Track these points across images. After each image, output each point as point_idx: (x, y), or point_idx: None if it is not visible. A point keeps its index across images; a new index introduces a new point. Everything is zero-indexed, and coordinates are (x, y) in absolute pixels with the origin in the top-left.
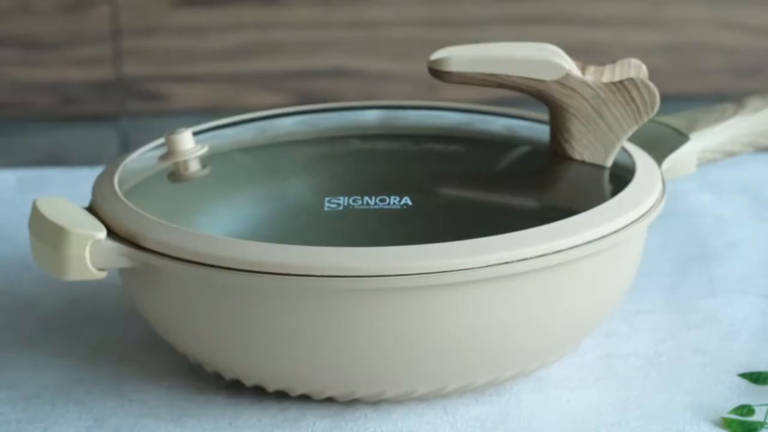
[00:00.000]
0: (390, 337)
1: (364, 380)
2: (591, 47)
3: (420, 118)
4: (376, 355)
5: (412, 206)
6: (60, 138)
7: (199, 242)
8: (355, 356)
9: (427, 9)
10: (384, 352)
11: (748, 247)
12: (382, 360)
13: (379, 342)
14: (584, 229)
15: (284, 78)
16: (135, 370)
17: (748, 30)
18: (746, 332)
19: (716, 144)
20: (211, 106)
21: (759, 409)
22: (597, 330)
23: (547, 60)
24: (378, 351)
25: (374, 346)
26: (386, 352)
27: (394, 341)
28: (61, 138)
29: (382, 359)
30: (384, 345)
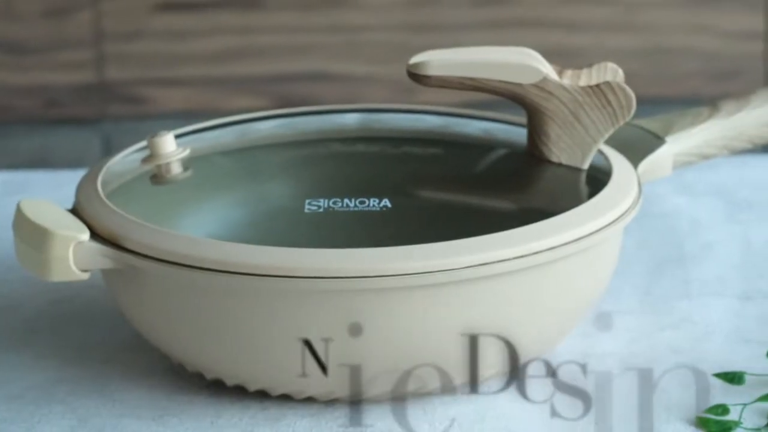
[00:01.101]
0: (369, 337)
1: (344, 380)
2: (568, 51)
3: (399, 121)
4: (356, 355)
5: (391, 208)
6: (43, 141)
7: (181, 244)
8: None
9: (406, 13)
10: (364, 352)
11: (722, 249)
12: (362, 360)
13: (359, 342)
14: (561, 231)
15: (265, 82)
16: (118, 370)
17: (722, 34)
18: (721, 333)
19: (691, 147)
20: (193, 109)
21: (734, 408)
22: (573, 330)
23: (524, 64)
24: (358, 350)
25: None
26: (366, 352)
27: (374, 341)
28: (44, 141)
29: (362, 359)
30: (363, 344)
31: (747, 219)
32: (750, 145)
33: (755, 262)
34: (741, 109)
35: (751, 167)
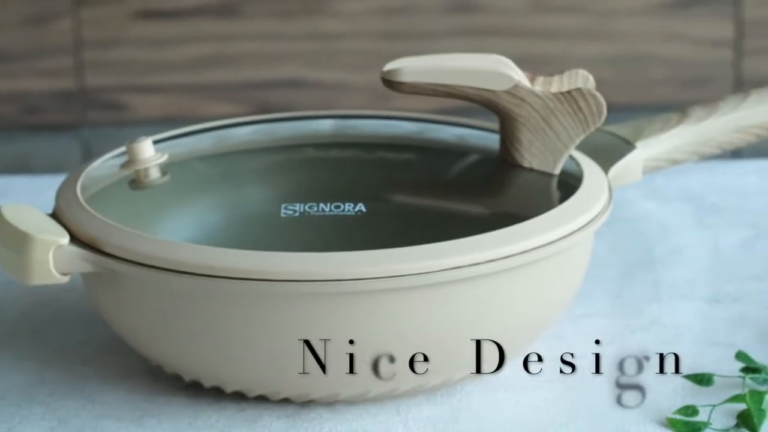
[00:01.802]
0: (344, 340)
1: (319, 381)
2: (540, 59)
3: (373, 127)
4: (332, 357)
5: (366, 213)
6: (24, 147)
7: (159, 248)
8: (312, 358)
9: (381, 22)
10: (339, 355)
11: (691, 253)
12: (337, 362)
13: (334, 344)
14: (533, 235)
15: (242, 88)
16: (97, 372)
17: (691, 42)
18: (690, 335)
19: (661, 152)
20: (171, 115)
21: (703, 409)
22: (545, 333)
23: (497, 71)
24: (333, 353)
25: (330, 349)
26: (342, 354)
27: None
28: (24, 147)
29: (337, 361)
30: (339, 347)
31: (716, 224)
32: (719, 151)
33: (723, 266)
34: (710, 115)
35: (719, 172)
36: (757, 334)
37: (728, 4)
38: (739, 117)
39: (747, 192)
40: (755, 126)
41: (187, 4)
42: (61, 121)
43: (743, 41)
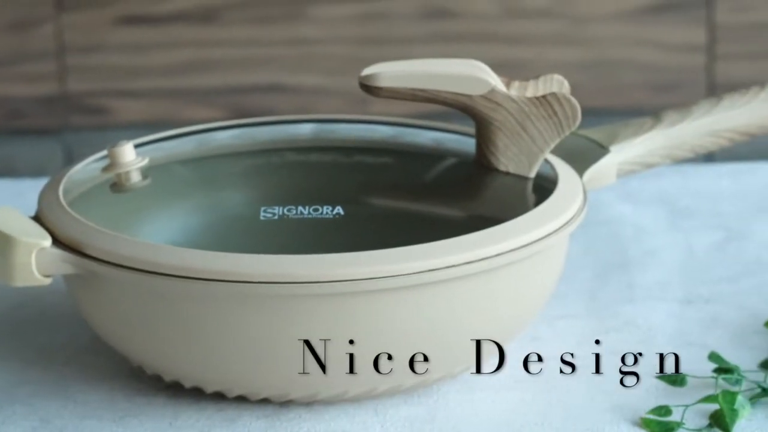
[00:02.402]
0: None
1: (298, 382)
2: (515, 63)
3: (351, 131)
4: (309, 358)
5: (344, 215)
6: (7, 150)
7: (140, 250)
8: (290, 359)
9: (358, 27)
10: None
11: (665, 255)
12: (314, 362)
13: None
14: (509, 238)
15: (222, 93)
16: (79, 373)
17: (664, 47)
18: (663, 336)
19: (635, 156)
20: (152, 120)
21: (676, 409)
22: (521, 334)
23: (473, 76)
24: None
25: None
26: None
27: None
28: (7, 150)
29: (314, 361)
30: (316, 348)
31: (689, 226)
32: (692, 155)
33: (696, 267)
34: (683, 119)
35: (692, 176)
36: (730, 335)
37: (701, 10)
38: (712, 121)
39: (720, 195)
40: (728, 130)
41: (168, 10)
42: (43, 126)
43: (716, 46)
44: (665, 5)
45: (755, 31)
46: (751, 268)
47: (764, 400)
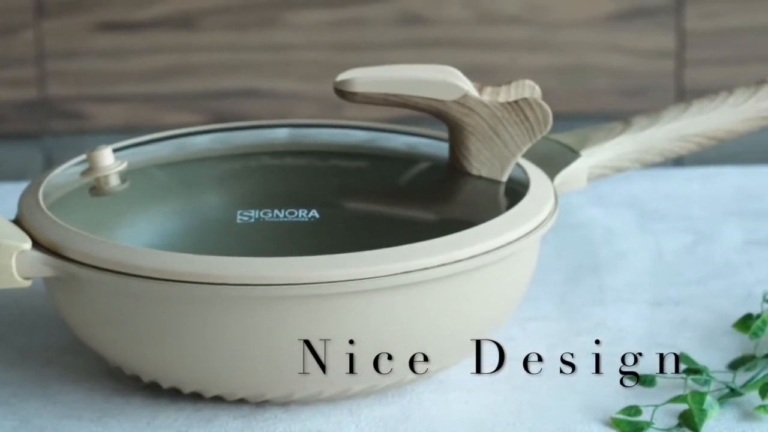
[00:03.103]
0: (298, 342)
1: (274, 382)
2: (488, 69)
3: (327, 135)
4: (286, 359)
5: (319, 219)
6: None
7: (119, 253)
8: (265, 360)
9: (333, 33)
10: (293, 356)
11: (634, 258)
12: (290, 363)
13: (288, 345)
14: (481, 240)
15: (199, 98)
16: (58, 373)
17: (633, 53)
18: (633, 337)
19: (605, 160)
20: (130, 124)
21: (646, 409)
22: (493, 335)
23: (446, 81)
24: (287, 354)
25: (284, 351)
26: (295, 356)
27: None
28: None
29: (291, 363)
30: (294, 349)
31: (658, 229)
32: (661, 159)
33: (666, 270)
34: (653, 124)
35: (662, 179)
36: (698, 337)
37: (670, 16)
38: (681, 126)
39: (689, 198)
40: (696, 134)
41: (146, 16)
42: (24, 130)
43: (685, 52)
44: (635, 12)
45: (723, 38)
46: (719, 271)
47: (732, 401)
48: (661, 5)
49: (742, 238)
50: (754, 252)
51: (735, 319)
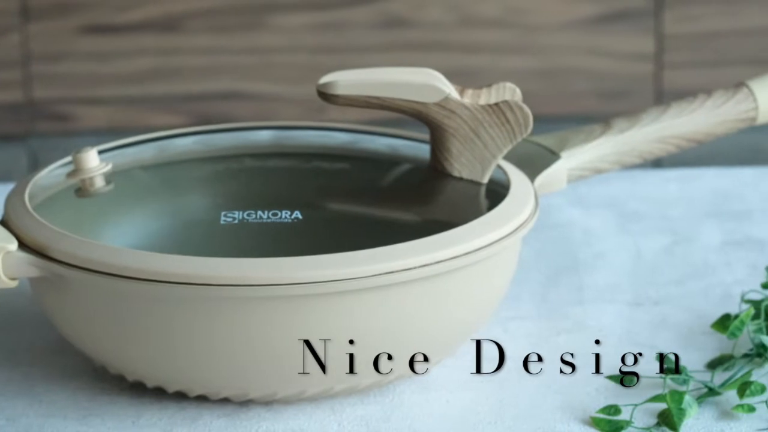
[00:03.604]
0: (281, 342)
1: (258, 382)
2: (469, 72)
3: (309, 137)
4: (269, 359)
5: (302, 220)
6: None
7: (104, 253)
8: (249, 359)
9: (316, 36)
10: (275, 355)
11: (614, 258)
12: (274, 363)
13: (271, 345)
14: (463, 241)
15: (183, 100)
16: (44, 373)
17: (613, 56)
18: (612, 337)
19: (585, 162)
20: (115, 126)
21: (625, 408)
22: (474, 335)
23: (427, 84)
24: (270, 354)
25: (267, 350)
26: (278, 355)
27: (285, 345)
28: None
29: (274, 362)
30: (275, 348)
31: (637, 230)
32: (640, 160)
33: (644, 270)
34: (632, 126)
35: (641, 181)
36: (677, 336)
37: (649, 20)
38: (660, 128)
39: (667, 200)
40: (675, 136)
41: (130, 19)
42: (9, 132)
43: (663, 55)
44: (615, 15)
45: (701, 41)
46: (698, 271)
47: (711, 400)
48: (640, 9)
49: (720, 239)
50: (731, 252)
51: (713, 319)
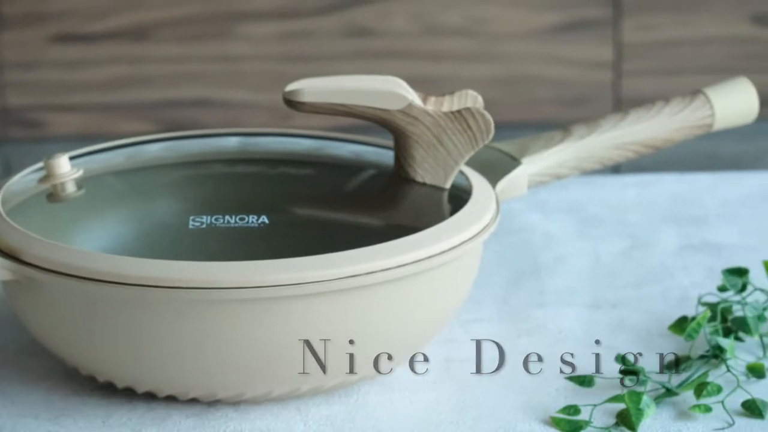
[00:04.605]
0: (248, 343)
1: (225, 383)
2: (432, 80)
3: (276, 144)
4: (236, 360)
5: (268, 224)
6: None
7: (75, 257)
8: (217, 360)
9: (283, 45)
10: (243, 357)
11: (573, 262)
12: (241, 364)
13: (239, 347)
14: (425, 245)
15: (152, 107)
16: (17, 374)
17: (573, 64)
18: (572, 339)
19: (545, 168)
20: (86, 133)
21: (584, 408)
22: (437, 337)
23: (391, 91)
24: (237, 356)
25: (234, 352)
26: (245, 357)
27: (252, 347)
28: None
29: (241, 363)
30: (243, 350)
31: (596, 234)
32: (599, 166)
33: (604, 274)
34: (591, 132)
35: (600, 186)
36: (635, 338)
37: (608, 28)
38: (619, 134)
39: (625, 205)
40: (634, 143)
41: (101, 28)
42: None
43: (622, 63)
44: (575, 24)
45: (659, 49)
46: (655, 275)
47: (668, 400)
48: (599, 18)
49: (677, 243)
50: (688, 256)
51: (671, 322)
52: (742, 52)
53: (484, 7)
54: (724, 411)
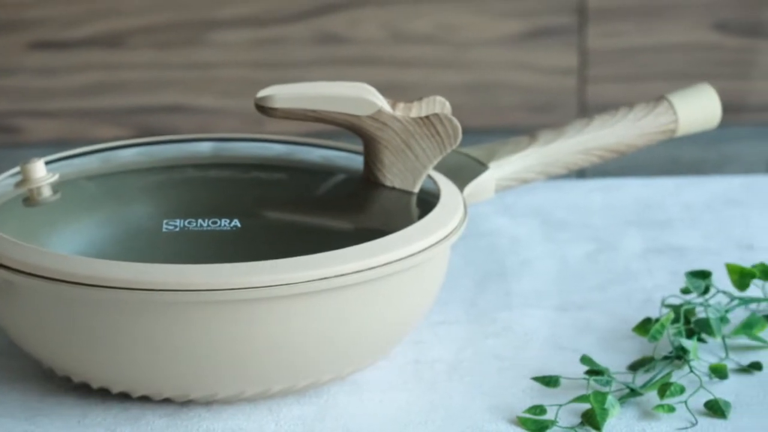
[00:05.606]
0: (220, 345)
1: (198, 383)
2: (401, 86)
3: (248, 149)
4: (208, 361)
5: (240, 228)
6: None
7: (51, 260)
8: (190, 361)
9: (254, 52)
10: (215, 358)
11: (539, 265)
12: (213, 365)
13: (211, 349)
14: (394, 248)
15: (127, 113)
16: None
17: (540, 70)
18: (538, 341)
19: (512, 172)
20: (62, 138)
21: (550, 408)
22: (406, 338)
23: (361, 97)
24: (210, 357)
25: (206, 353)
26: (217, 358)
27: (225, 348)
28: None
29: (213, 364)
30: (215, 351)
31: (562, 238)
32: (565, 171)
33: (570, 277)
34: (557, 138)
35: (565, 191)
36: (600, 340)
37: (573, 36)
38: (584, 140)
39: (591, 209)
40: (598, 148)
41: (77, 35)
42: None
43: (587, 70)
44: (540, 31)
45: (623, 56)
46: (620, 277)
47: (633, 400)
48: (564, 25)
49: (641, 247)
50: (652, 259)
51: (635, 323)
52: (705, 58)
53: (452, 14)
54: (688, 411)
